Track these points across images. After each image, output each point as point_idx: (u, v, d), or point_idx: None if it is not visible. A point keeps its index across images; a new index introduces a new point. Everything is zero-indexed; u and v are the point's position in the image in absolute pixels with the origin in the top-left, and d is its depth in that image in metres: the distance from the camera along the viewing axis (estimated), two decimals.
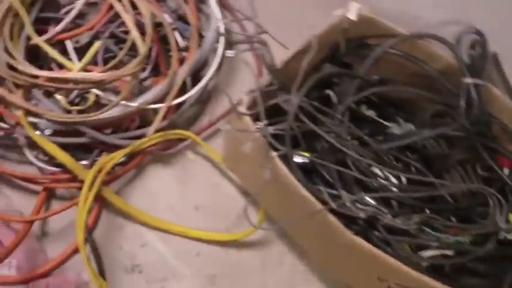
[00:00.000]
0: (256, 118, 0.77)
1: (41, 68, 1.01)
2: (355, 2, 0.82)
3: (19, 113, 0.94)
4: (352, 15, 0.82)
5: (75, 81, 0.93)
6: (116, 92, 1.03)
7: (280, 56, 0.81)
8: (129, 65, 0.95)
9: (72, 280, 0.92)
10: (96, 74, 0.92)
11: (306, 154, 0.82)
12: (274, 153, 0.75)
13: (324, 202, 0.74)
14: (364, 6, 0.82)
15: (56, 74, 0.92)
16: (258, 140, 0.75)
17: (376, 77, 0.85)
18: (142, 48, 0.97)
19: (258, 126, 0.76)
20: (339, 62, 0.88)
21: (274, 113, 0.78)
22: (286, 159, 0.77)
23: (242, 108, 0.77)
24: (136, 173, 1.02)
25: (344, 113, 0.82)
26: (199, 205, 1.01)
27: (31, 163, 0.98)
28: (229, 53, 0.78)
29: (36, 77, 0.93)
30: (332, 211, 0.74)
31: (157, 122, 0.94)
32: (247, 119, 0.76)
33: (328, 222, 0.74)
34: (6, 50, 0.96)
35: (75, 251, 0.94)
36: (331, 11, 0.91)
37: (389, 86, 0.86)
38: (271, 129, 0.75)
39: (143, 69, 1.01)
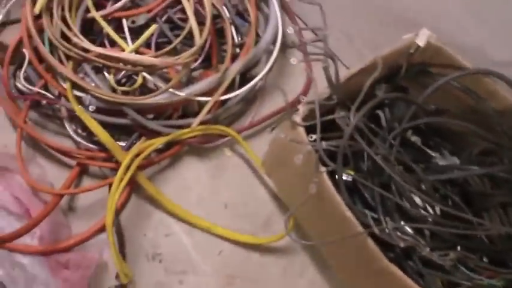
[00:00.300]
0: (308, 130, 0.76)
1: (93, 42, 1.00)
2: (426, 29, 0.80)
3: (66, 85, 0.93)
4: (421, 42, 0.80)
5: (126, 62, 0.92)
6: (163, 78, 1.02)
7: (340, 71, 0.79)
8: (183, 54, 0.94)
9: (93, 259, 0.91)
10: (148, 58, 0.91)
11: (351, 173, 0.81)
12: (323, 169, 0.74)
13: (364, 225, 0.73)
14: (433, 34, 0.81)
15: (110, 52, 0.91)
16: (309, 153, 0.74)
17: (432, 106, 0.84)
18: (198, 40, 0.96)
19: (311, 139, 0.75)
20: (396, 84, 0.87)
21: (324, 126, 0.77)
22: (332, 175, 0.76)
23: (298, 118, 0.75)
24: (171, 161, 1.02)
25: (396, 137, 0.81)
26: (229, 203, 1.00)
27: (69, 136, 0.98)
28: (292, 60, 0.76)
29: (89, 51, 0.92)
30: (370, 235, 0.73)
31: (202, 115, 0.93)
32: (302, 131, 0.75)
33: (366, 246, 0.73)
34: (64, 20, 0.95)
35: (100, 230, 0.94)
36: (395, 31, 0.90)
37: (444, 117, 0.85)
38: (324, 145, 0.74)
39: (195, 60, 0.99)
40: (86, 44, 0.92)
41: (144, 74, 0.96)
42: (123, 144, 0.97)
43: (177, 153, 1.00)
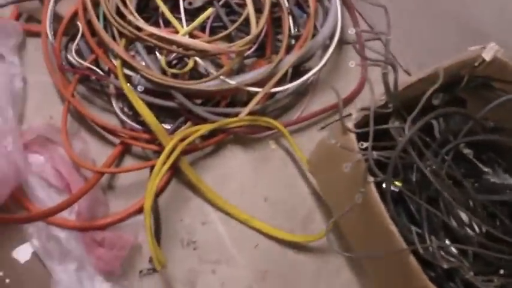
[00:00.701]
0: (359, 136, 0.73)
1: (147, 20, 0.99)
2: (494, 43, 0.76)
3: (117, 63, 0.92)
4: (488, 56, 0.76)
5: (179, 45, 0.90)
6: (215, 63, 1.01)
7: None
8: (237, 42, 0.91)
9: (128, 240, 0.91)
10: (201, 43, 0.88)
11: (399, 184, 0.78)
12: (371, 179, 0.71)
13: (408, 240, 0.71)
14: (500, 49, 0.77)
15: (164, 33, 0.89)
16: (359, 162, 0.71)
17: (491, 123, 0.80)
18: (254, 29, 0.94)
19: (362, 147, 0.72)
20: (454, 94, 0.83)
21: (376, 134, 0.74)
22: (379, 185, 0.73)
23: (350, 124, 0.73)
24: (214, 149, 1.00)
25: (449, 152, 0.78)
26: (269, 197, 0.98)
27: (115, 113, 0.97)
28: (351, 63, 0.73)
29: (142, 30, 0.90)
30: (412, 251, 0.71)
31: (250, 106, 0.91)
32: (353, 137, 0.73)
33: (408, 263, 0.70)
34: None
35: (138, 211, 0.94)
36: (459, 40, 0.87)
37: (502, 135, 0.81)
38: (375, 154, 0.71)
39: (249, 48, 0.97)
40: (140, 22, 0.90)
41: (196, 58, 0.94)
42: (168, 127, 0.95)
43: (221, 141, 0.98)
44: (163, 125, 0.95)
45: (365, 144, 0.73)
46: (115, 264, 0.89)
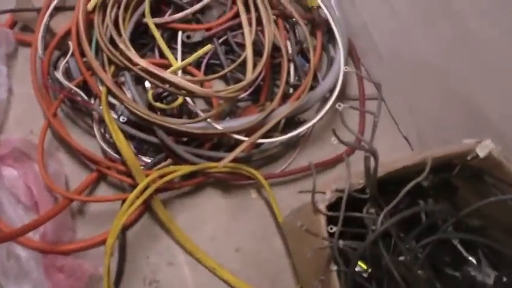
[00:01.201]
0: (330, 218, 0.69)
1: (143, 45, 0.96)
2: (490, 140, 0.71)
3: (102, 89, 0.89)
4: (482, 153, 0.71)
5: (168, 82, 0.86)
6: (206, 101, 0.97)
7: (383, 155, 0.71)
8: (228, 88, 0.87)
9: (88, 270, 0.88)
10: (190, 85, 0.84)
11: (364, 266, 0.74)
12: (334, 267, 0.67)
13: None
14: (497, 147, 0.71)
15: (153, 69, 0.85)
16: (323, 248, 0.67)
17: (477, 222, 0.75)
18: (249, 74, 0.89)
19: (331, 230, 0.68)
20: (445, 180, 0.79)
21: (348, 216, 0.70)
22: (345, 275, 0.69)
23: (322, 206, 0.68)
24: (192, 189, 0.96)
25: (426, 246, 0.73)
26: (241, 248, 0.94)
27: (96, 137, 0.93)
28: (333, 139, 0.68)
29: (132, 62, 0.87)
30: None
31: (234, 154, 0.86)
32: (323, 220, 0.68)
33: None
34: (116, 20, 0.90)
35: (104, 241, 0.90)
36: (461, 119, 0.82)
37: (488, 238, 0.76)
38: (341, 244, 0.67)
39: (244, 91, 0.93)
40: (132, 54, 0.87)
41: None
42: (147, 160, 0.92)
43: (200, 183, 0.94)
44: (143, 157, 0.92)
45: (334, 229, 0.68)
46: None
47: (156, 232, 0.93)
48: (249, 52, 0.91)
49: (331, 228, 0.69)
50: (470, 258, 0.83)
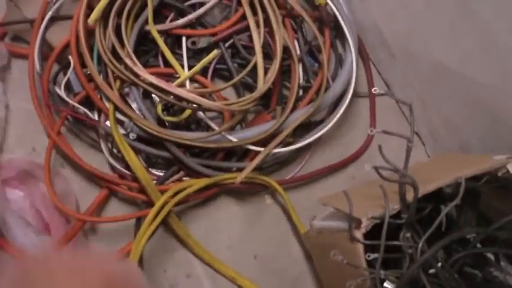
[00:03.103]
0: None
1: (147, 52, 0.91)
2: None
3: (109, 107, 0.85)
4: None
5: (180, 97, 0.82)
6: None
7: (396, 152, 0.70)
8: (241, 100, 0.84)
9: None
10: (201, 99, 0.80)
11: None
12: None
13: None
14: None
15: (161, 83, 0.81)
16: (364, 281, 0.67)
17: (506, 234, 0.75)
18: (261, 84, 0.87)
19: (369, 258, 0.67)
20: (473, 192, 0.78)
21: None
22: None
23: (359, 234, 0.67)
24: (206, 199, 0.94)
25: (456, 262, 0.73)
26: (259, 254, 0.93)
27: (102, 151, 0.90)
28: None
29: (140, 77, 0.83)
30: None
31: (250, 168, 0.84)
32: (360, 249, 0.67)
33: None
34: (118, 30, 0.85)
35: None
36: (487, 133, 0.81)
37: None
38: (383, 274, 0.66)
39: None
40: (139, 69, 0.82)
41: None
42: (159, 173, 0.89)
43: (214, 194, 0.92)
44: (153, 170, 0.89)
45: (372, 256, 0.68)
46: None
47: (172, 245, 0.91)
48: (259, 58, 0.88)
49: (369, 256, 0.68)
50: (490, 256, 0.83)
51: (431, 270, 0.71)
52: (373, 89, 0.69)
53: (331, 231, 0.77)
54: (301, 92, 0.94)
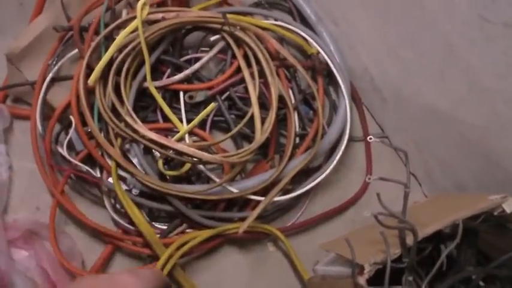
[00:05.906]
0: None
1: (146, 108, 0.93)
2: None
3: (111, 164, 0.86)
4: (509, 209, 0.73)
5: (180, 153, 0.84)
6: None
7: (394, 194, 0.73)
8: (239, 152, 0.86)
9: None
10: (201, 154, 0.82)
11: None
12: None
13: None
14: None
15: (161, 139, 0.83)
16: None
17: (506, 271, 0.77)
18: (259, 135, 0.89)
19: None
20: (471, 230, 0.79)
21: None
22: None
23: (362, 281, 0.68)
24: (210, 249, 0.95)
25: None
26: None
27: (106, 207, 0.91)
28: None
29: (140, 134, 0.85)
30: None
31: (254, 216, 0.86)
32: None
33: None
34: (118, 87, 0.88)
35: None
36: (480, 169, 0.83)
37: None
38: None
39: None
40: (139, 127, 0.84)
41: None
42: (161, 226, 0.90)
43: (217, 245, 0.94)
44: (156, 224, 0.91)
45: None
46: None
47: None
48: (255, 109, 0.90)
49: None
50: None
51: None
52: (368, 138, 0.71)
53: (335, 278, 0.78)
54: (297, 140, 0.96)
